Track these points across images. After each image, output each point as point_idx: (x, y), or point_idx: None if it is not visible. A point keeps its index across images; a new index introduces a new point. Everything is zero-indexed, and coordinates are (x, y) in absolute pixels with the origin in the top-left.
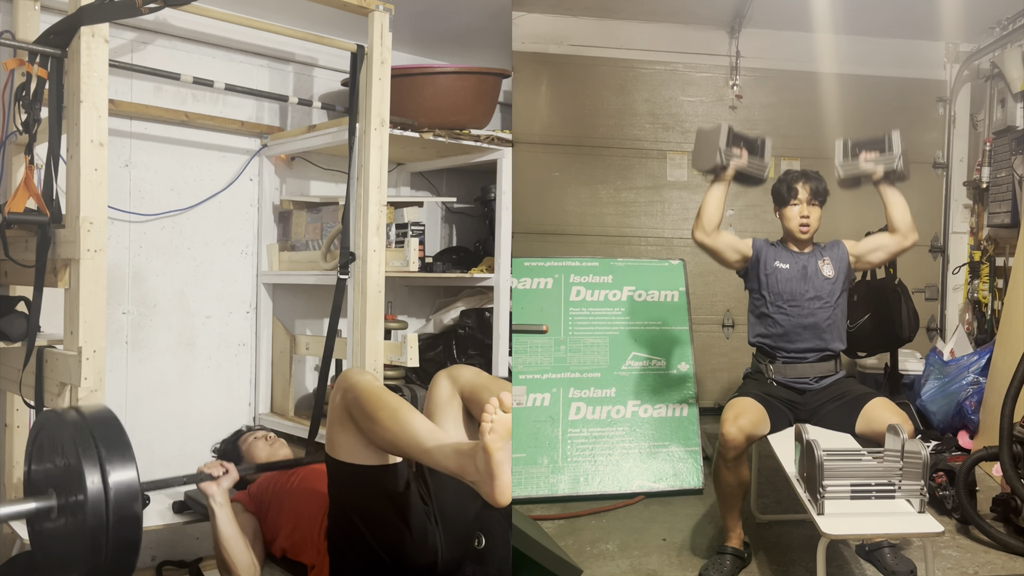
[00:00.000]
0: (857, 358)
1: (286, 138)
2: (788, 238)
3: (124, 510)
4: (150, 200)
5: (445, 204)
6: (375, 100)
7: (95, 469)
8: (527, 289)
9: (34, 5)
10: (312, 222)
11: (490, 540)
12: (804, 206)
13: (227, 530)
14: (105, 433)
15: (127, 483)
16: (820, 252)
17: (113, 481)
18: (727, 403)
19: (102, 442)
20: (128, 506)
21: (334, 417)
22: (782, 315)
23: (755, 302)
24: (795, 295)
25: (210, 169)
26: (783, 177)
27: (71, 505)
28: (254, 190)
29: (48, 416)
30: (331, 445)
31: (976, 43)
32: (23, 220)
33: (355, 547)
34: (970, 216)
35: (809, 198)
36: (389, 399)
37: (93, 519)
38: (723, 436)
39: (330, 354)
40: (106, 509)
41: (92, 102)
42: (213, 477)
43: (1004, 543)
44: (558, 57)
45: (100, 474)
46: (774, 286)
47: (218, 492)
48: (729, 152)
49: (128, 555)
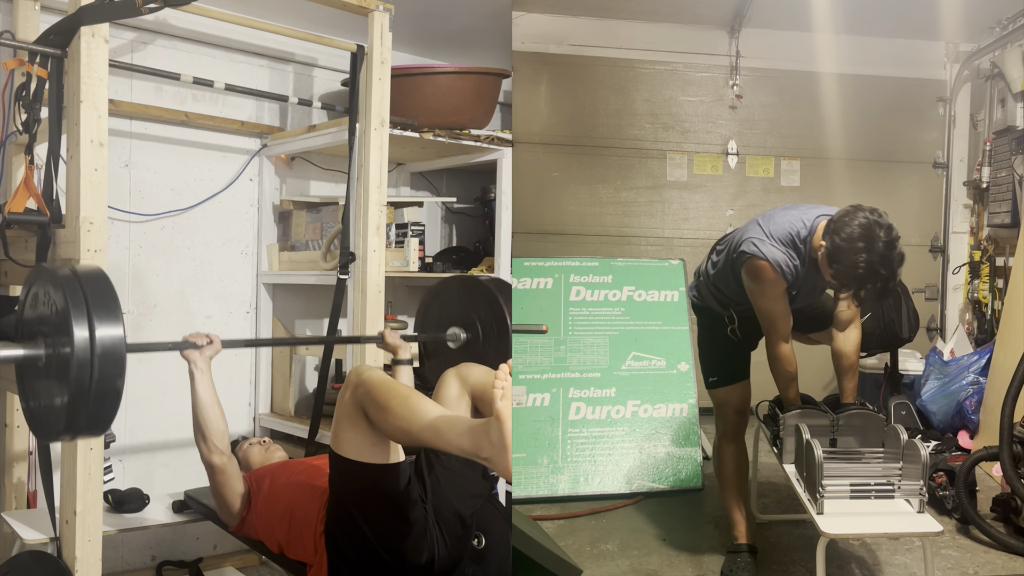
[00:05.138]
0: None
1: (286, 138)
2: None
3: (108, 364)
4: (150, 200)
5: (445, 204)
6: (375, 100)
7: (83, 322)
8: (527, 289)
9: (34, 5)
10: (312, 222)
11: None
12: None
13: (205, 396)
14: (95, 290)
15: (112, 337)
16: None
17: (99, 335)
18: (716, 389)
19: (92, 297)
20: (112, 359)
21: (343, 413)
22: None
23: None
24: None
25: (210, 169)
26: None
27: (58, 355)
28: (254, 190)
29: (42, 269)
30: (337, 441)
31: (976, 43)
32: (23, 220)
33: (354, 544)
34: (970, 216)
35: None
36: (400, 388)
37: (78, 369)
38: (724, 417)
39: (330, 354)
40: (91, 359)
41: (92, 102)
42: (197, 346)
43: (1004, 543)
44: (558, 57)
45: (88, 327)
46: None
47: (200, 359)
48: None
49: (108, 404)
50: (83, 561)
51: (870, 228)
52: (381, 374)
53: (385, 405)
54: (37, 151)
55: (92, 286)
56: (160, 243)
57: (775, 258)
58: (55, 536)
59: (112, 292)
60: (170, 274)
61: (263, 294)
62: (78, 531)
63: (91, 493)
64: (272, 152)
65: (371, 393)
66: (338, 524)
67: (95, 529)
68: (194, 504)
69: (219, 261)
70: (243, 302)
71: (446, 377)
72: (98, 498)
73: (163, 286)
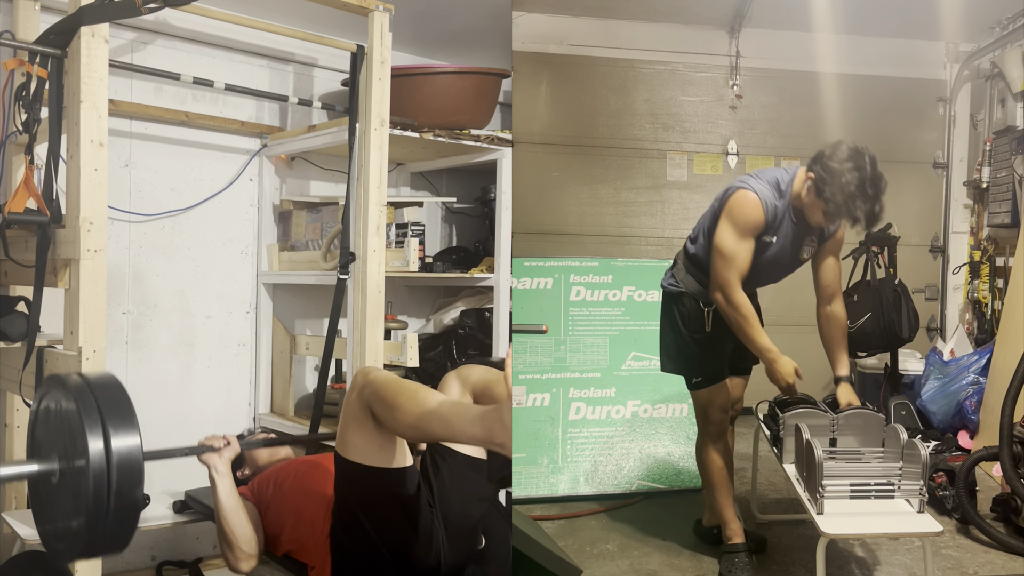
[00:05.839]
0: (857, 358)
1: (286, 138)
2: (796, 206)
3: (126, 476)
4: (150, 200)
5: (445, 204)
6: (375, 100)
7: (98, 434)
8: (527, 289)
9: (34, 5)
10: (312, 222)
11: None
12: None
13: (228, 502)
14: (108, 398)
15: (129, 449)
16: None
17: (116, 447)
18: (699, 391)
19: (105, 407)
20: (130, 471)
21: (350, 415)
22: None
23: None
24: (765, 272)
25: (210, 169)
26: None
27: (73, 470)
28: (254, 190)
29: (52, 380)
30: (343, 445)
31: (976, 43)
32: (23, 220)
33: (360, 547)
34: (970, 216)
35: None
36: (407, 384)
37: (95, 483)
38: (710, 418)
39: (330, 354)
40: (108, 474)
41: (92, 102)
42: (215, 449)
43: (1004, 543)
44: (558, 57)
45: (103, 439)
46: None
47: (219, 462)
48: None
49: (129, 517)
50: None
51: (857, 151)
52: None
53: (393, 402)
54: (37, 151)
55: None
56: (160, 243)
57: (759, 189)
58: None
59: (126, 399)
60: (170, 274)
61: (263, 294)
62: None
63: None
64: (272, 152)
65: (379, 392)
66: (344, 528)
67: None
68: (194, 504)
69: (219, 261)
70: (243, 302)
71: (447, 380)
72: None
73: (163, 286)
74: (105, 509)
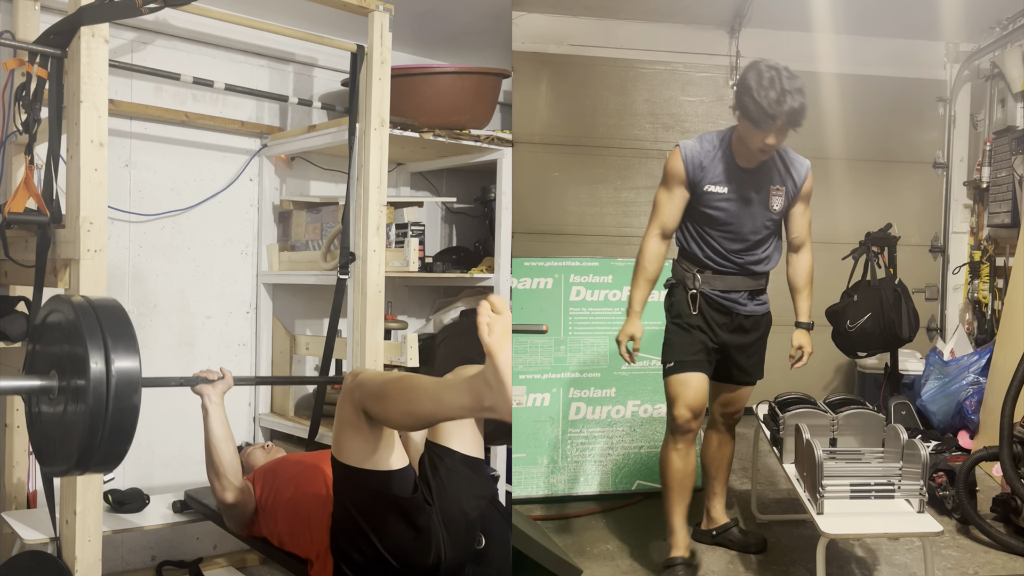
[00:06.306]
0: (857, 358)
1: (286, 138)
2: (737, 150)
3: (124, 398)
4: (150, 200)
5: (445, 204)
6: (375, 100)
7: (100, 356)
8: (527, 289)
9: (34, 5)
10: (312, 222)
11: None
12: (775, 134)
13: (218, 431)
14: (111, 322)
15: (129, 372)
16: (775, 172)
17: (116, 369)
18: (670, 377)
19: (108, 330)
20: (128, 395)
21: (343, 419)
22: (714, 245)
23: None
24: (733, 228)
25: (210, 169)
26: (758, 85)
27: (71, 388)
28: (254, 190)
29: (56, 300)
30: (339, 449)
31: (976, 43)
32: (23, 220)
33: (360, 550)
34: (970, 216)
35: (784, 125)
36: (394, 374)
37: (93, 403)
38: (673, 414)
39: (330, 354)
40: (106, 395)
41: (92, 102)
42: (209, 380)
43: (1004, 543)
44: (558, 57)
45: (104, 361)
46: (706, 211)
47: (213, 393)
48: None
49: (122, 443)
50: (83, 561)
51: (775, 66)
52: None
53: (383, 395)
54: (37, 151)
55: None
56: (160, 243)
57: (684, 143)
58: (55, 536)
59: (128, 324)
60: (170, 274)
61: (263, 294)
62: (78, 531)
63: (91, 493)
64: (272, 152)
65: (368, 389)
66: (344, 532)
67: (95, 529)
68: (194, 504)
69: (219, 261)
70: (243, 302)
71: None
72: (98, 498)
73: (163, 286)
74: (103, 426)
